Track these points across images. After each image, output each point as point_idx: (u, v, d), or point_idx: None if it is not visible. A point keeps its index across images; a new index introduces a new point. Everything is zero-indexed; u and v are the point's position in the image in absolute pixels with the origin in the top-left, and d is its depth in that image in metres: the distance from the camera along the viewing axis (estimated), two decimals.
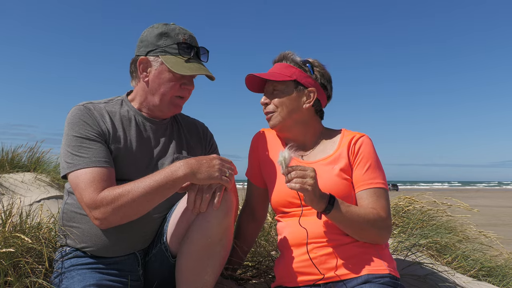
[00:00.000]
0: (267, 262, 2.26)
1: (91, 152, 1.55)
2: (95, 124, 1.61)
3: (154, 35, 1.68)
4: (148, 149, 1.71)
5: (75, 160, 1.55)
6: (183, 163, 1.48)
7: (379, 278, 1.62)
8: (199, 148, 1.85)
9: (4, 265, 1.56)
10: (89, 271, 1.57)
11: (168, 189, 1.48)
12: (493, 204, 20.30)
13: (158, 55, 1.66)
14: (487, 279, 2.91)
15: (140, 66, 1.69)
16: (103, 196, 1.47)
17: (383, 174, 1.78)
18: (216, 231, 1.52)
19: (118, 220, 1.50)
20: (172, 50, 1.66)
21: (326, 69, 1.88)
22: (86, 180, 1.50)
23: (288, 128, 1.84)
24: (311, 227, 1.68)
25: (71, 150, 1.56)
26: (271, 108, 1.82)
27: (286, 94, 1.80)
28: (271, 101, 1.82)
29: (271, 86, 1.83)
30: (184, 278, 1.59)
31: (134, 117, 1.73)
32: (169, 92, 1.68)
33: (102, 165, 1.54)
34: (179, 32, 1.68)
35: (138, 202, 1.46)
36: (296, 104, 1.80)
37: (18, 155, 4.84)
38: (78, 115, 1.61)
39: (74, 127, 1.59)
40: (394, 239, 2.87)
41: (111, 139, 1.63)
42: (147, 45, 1.69)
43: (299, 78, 1.79)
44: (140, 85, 1.73)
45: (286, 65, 1.82)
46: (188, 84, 1.70)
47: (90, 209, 1.49)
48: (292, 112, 1.80)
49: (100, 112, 1.66)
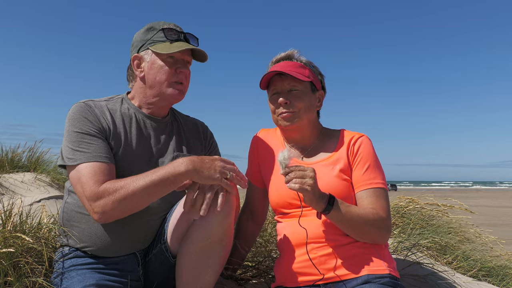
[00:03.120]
0: (267, 262, 2.26)
1: (93, 147, 1.56)
2: (95, 120, 1.62)
3: (141, 33, 1.74)
4: (148, 146, 1.71)
5: (76, 155, 1.55)
6: (186, 160, 1.48)
7: (379, 278, 1.62)
8: (199, 147, 1.85)
9: (4, 265, 1.56)
10: (89, 271, 1.57)
11: (169, 185, 1.48)
12: (493, 204, 20.30)
13: (148, 48, 1.70)
14: (487, 279, 2.91)
15: (134, 63, 1.72)
16: (104, 188, 1.48)
17: (383, 174, 1.78)
18: (217, 231, 1.52)
19: (118, 213, 1.49)
20: (159, 38, 1.70)
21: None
22: (87, 174, 1.51)
23: (301, 128, 1.82)
24: (310, 227, 1.68)
25: (72, 145, 1.57)
26: (294, 107, 1.76)
27: (307, 95, 1.79)
28: (291, 101, 1.77)
29: (288, 85, 1.78)
30: (184, 278, 1.59)
31: (134, 114, 1.73)
32: (165, 79, 1.69)
33: (103, 160, 1.55)
34: (164, 24, 1.73)
35: (138, 196, 1.47)
36: (312, 105, 1.81)
37: (18, 155, 4.84)
38: (79, 112, 1.62)
39: (75, 123, 1.60)
40: (394, 239, 2.87)
41: (112, 136, 1.63)
42: (137, 44, 1.74)
43: (313, 80, 1.81)
44: (137, 83, 1.75)
45: (299, 64, 1.80)
46: (183, 68, 1.71)
47: (90, 202, 1.49)
48: (309, 113, 1.81)
49: (101, 109, 1.67)
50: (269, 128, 1.96)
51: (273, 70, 1.77)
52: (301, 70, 1.78)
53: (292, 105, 1.76)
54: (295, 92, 1.78)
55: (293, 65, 1.79)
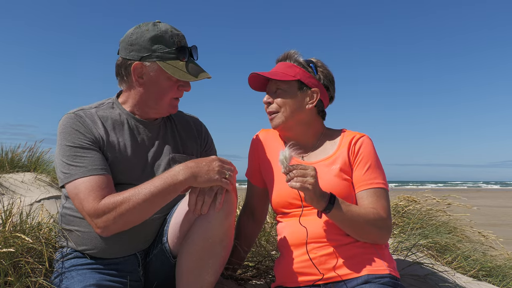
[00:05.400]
0: (267, 262, 2.26)
1: (87, 161, 1.54)
2: (87, 131, 1.59)
3: (147, 39, 1.61)
4: (143, 151, 1.70)
5: (72, 170, 1.53)
6: (182, 167, 1.47)
7: (379, 278, 1.62)
8: (194, 145, 1.83)
9: (4, 265, 1.56)
10: (89, 271, 1.57)
11: (169, 194, 1.48)
12: (493, 204, 20.30)
13: (155, 61, 1.61)
14: (487, 279, 2.91)
15: (134, 71, 1.63)
16: (104, 204, 1.47)
17: (383, 174, 1.78)
18: (217, 231, 1.52)
19: (120, 227, 1.50)
20: (169, 55, 1.62)
21: (329, 70, 1.88)
22: (85, 190, 1.50)
23: (290, 128, 1.83)
24: (311, 227, 1.68)
25: (66, 160, 1.55)
26: (274, 107, 1.82)
27: (290, 94, 1.79)
28: (274, 100, 1.82)
29: (274, 86, 1.82)
30: (184, 278, 1.59)
31: (126, 120, 1.70)
32: (167, 96, 1.67)
33: (99, 172, 1.53)
34: (172, 35, 1.64)
35: (139, 209, 1.46)
36: (299, 104, 1.80)
37: (18, 155, 4.84)
38: (69, 124, 1.59)
39: (67, 136, 1.58)
40: (394, 239, 2.87)
41: (105, 145, 1.61)
42: (139, 49, 1.62)
43: (302, 78, 1.79)
44: (134, 90, 1.68)
45: (289, 65, 1.82)
46: (185, 86, 1.69)
47: (92, 218, 1.48)
48: (295, 112, 1.80)
49: (92, 118, 1.64)
50: (269, 128, 1.96)
51: (251, 74, 1.83)
52: (288, 70, 1.80)
53: (274, 104, 1.82)
54: (279, 91, 1.81)
55: (283, 66, 1.82)
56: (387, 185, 1.77)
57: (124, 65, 1.66)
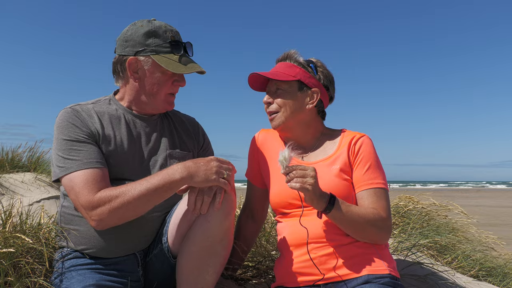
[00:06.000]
0: (267, 262, 2.26)
1: (83, 154, 1.54)
2: (83, 125, 1.60)
3: (141, 35, 1.64)
4: (140, 146, 1.70)
5: (67, 163, 1.54)
6: (180, 166, 1.47)
7: (379, 278, 1.62)
8: (191, 143, 1.83)
9: (5, 265, 1.56)
10: (89, 271, 1.57)
11: (165, 192, 1.48)
12: (493, 204, 20.30)
13: (149, 55, 1.64)
14: (487, 279, 2.91)
15: (129, 66, 1.65)
16: (99, 196, 1.47)
17: (383, 174, 1.78)
18: (217, 231, 1.52)
19: (115, 221, 1.50)
20: (163, 49, 1.64)
21: (329, 70, 1.88)
22: (80, 182, 1.50)
23: (290, 128, 1.83)
24: (311, 227, 1.68)
25: (62, 153, 1.55)
26: (274, 107, 1.82)
27: (290, 94, 1.79)
28: (274, 100, 1.82)
29: (274, 86, 1.82)
30: (184, 278, 1.59)
31: (123, 115, 1.71)
32: (162, 91, 1.67)
33: (95, 165, 1.53)
34: (166, 30, 1.66)
35: (134, 204, 1.46)
36: (299, 104, 1.80)
37: (18, 155, 4.84)
38: (66, 118, 1.60)
39: (63, 130, 1.58)
40: (394, 239, 2.87)
41: (101, 139, 1.62)
42: (134, 45, 1.64)
43: (302, 78, 1.79)
44: (129, 85, 1.70)
45: (290, 65, 1.82)
46: (180, 81, 1.70)
47: (87, 210, 1.48)
48: (295, 113, 1.80)
49: (88, 113, 1.64)
50: (269, 129, 1.96)
51: (251, 74, 1.82)
52: (288, 70, 1.80)
53: (274, 104, 1.81)
54: (279, 91, 1.81)
55: (283, 66, 1.82)
56: (387, 185, 1.77)
57: (119, 62, 1.68)
